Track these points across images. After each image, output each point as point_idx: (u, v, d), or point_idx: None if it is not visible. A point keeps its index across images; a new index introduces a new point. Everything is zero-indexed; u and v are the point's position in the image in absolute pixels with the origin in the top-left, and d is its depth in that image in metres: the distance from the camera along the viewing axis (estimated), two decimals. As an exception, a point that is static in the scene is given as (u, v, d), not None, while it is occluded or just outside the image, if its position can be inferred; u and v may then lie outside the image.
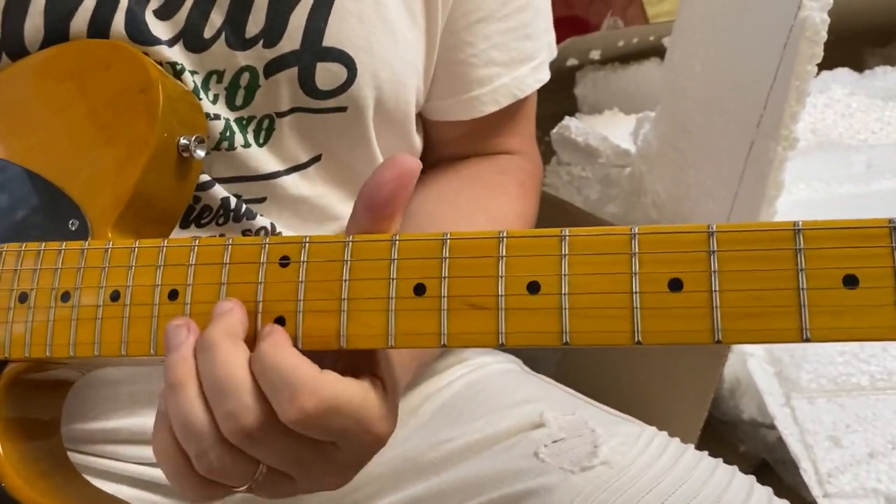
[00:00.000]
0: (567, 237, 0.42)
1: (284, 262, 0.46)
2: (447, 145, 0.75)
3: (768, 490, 0.68)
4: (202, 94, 0.60)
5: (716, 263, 0.40)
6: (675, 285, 0.40)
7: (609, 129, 1.25)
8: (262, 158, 0.63)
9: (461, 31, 0.69)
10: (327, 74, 0.61)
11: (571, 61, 1.40)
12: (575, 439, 0.68)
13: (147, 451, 0.66)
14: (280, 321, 0.46)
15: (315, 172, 0.65)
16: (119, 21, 0.58)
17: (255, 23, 0.59)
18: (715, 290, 0.39)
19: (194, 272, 0.48)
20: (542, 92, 0.75)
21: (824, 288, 0.38)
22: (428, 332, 0.43)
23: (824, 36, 0.77)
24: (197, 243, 0.48)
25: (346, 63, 0.61)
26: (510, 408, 0.72)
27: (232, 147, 0.61)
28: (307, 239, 0.46)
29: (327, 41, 0.60)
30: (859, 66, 1.42)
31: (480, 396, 0.74)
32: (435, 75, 0.70)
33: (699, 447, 0.73)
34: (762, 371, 0.86)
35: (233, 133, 0.61)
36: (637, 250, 0.41)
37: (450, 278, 0.43)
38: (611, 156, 1.15)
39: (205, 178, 0.61)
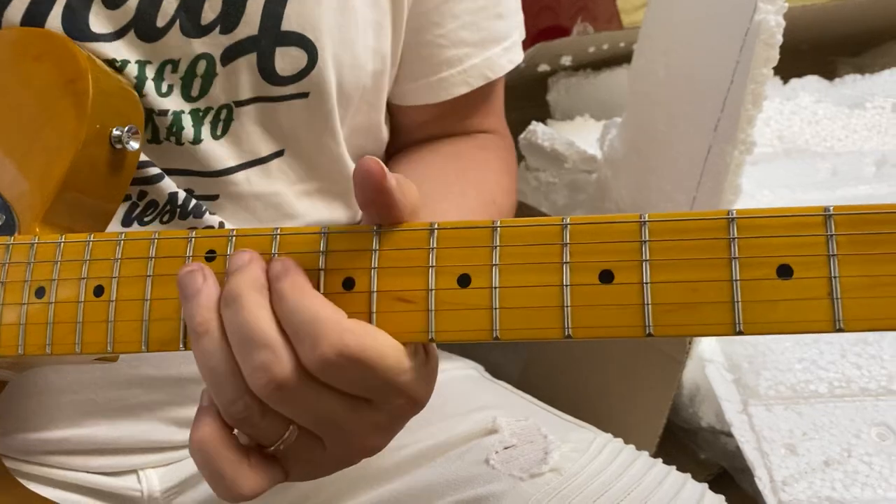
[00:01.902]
0: (498, 228, 0.41)
1: (211, 255, 0.45)
2: (418, 129, 0.73)
3: (720, 498, 0.68)
4: (153, 87, 0.58)
5: (647, 253, 0.39)
6: (606, 277, 0.39)
7: (580, 135, 1.25)
8: (217, 153, 0.61)
9: (429, 11, 0.67)
10: (287, 59, 0.60)
11: (543, 67, 1.39)
12: (526, 445, 0.68)
13: (95, 461, 0.65)
14: None
15: (276, 167, 0.64)
16: (56, 14, 0.56)
17: (212, 8, 0.58)
18: (646, 282, 0.39)
19: (120, 266, 0.47)
20: (514, 99, 0.75)
21: (758, 279, 0.37)
22: None
23: (779, 39, 0.76)
24: (123, 237, 0.47)
25: (307, 47, 0.60)
26: (465, 414, 0.71)
27: (179, 143, 0.60)
28: (234, 232, 0.45)
29: (286, 25, 0.59)
30: (831, 75, 1.42)
31: (436, 402, 0.73)
32: (402, 58, 0.68)
33: (659, 454, 0.72)
34: (721, 378, 0.85)
35: (181, 129, 0.59)
36: (568, 240, 0.40)
37: (379, 269, 0.42)
38: (577, 161, 1.14)
39: (154, 170, 0.60)
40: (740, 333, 0.37)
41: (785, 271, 0.37)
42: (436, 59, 0.68)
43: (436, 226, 0.42)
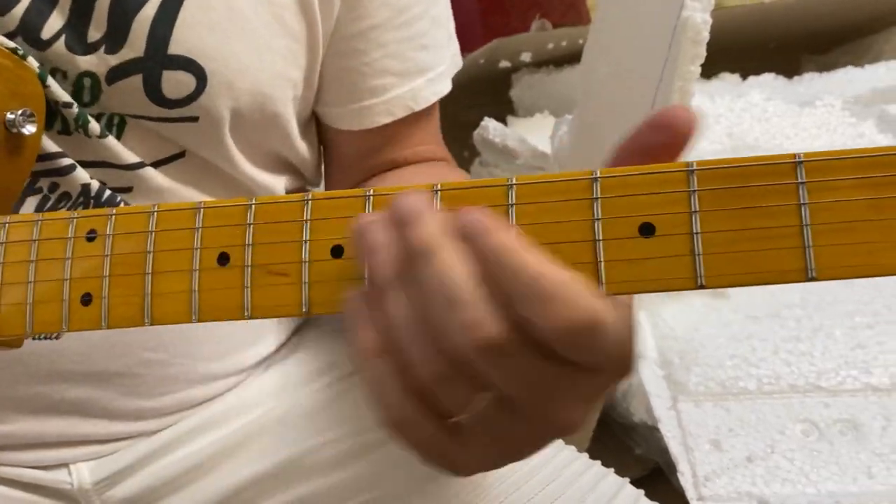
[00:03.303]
0: (371, 196, 0.41)
1: (91, 236, 0.45)
2: (361, 158, 0.72)
3: (639, 492, 0.68)
4: (55, 81, 0.58)
5: (514, 217, 0.39)
6: None
7: (539, 132, 1.25)
8: (121, 149, 0.61)
9: (352, 37, 0.66)
10: (174, 83, 0.59)
11: (504, 63, 1.40)
12: None
13: (25, 455, 0.65)
14: (86, 299, 0.45)
15: (178, 168, 0.63)
16: None
17: (97, 27, 0.58)
18: None
19: (4, 251, 0.47)
20: (476, 95, 0.73)
21: (621, 238, 0.37)
22: (231, 306, 0.42)
23: (706, 37, 0.77)
24: (8, 220, 0.47)
25: (195, 72, 0.59)
26: None
27: (87, 135, 0.60)
28: (114, 211, 0.45)
29: (173, 49, 0.58)
30: (794, 73, 1.43)
31: None
32: (325, 81, 0.68)
33: (597, 449, 0.73)
34: (652, 374, 0.85)
35: (86, 122, 0.59)
36: (438, 203, 0.40)
37: (254, 245, 0.42)
38: (529, 157, 1.15)
39: (66, 161, 0.59)
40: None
41: (647, 229, 0.37)
42: (360, 86, 0.68)
43: (309, 197, 0.42)
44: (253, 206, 0.42)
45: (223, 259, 0.42)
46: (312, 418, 0.71)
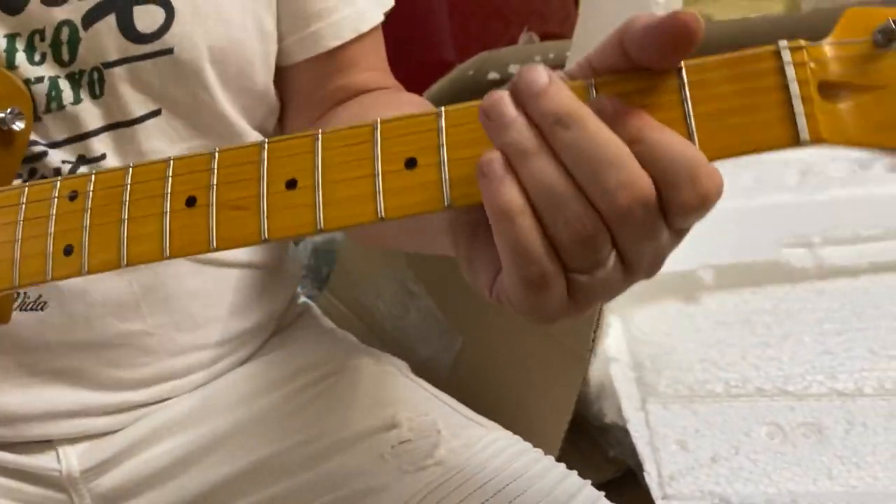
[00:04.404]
0: (320, 136, 0.46)
1: (73, 195, 0.49)
2: (313, 92, 0.75)
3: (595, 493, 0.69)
4: (25, 58, 0.61)
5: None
6: (411, 164, 0.44)
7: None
8: (97, 112, 0.63)
9: None
10: (145, 16, 0.62)
11: (492, 75, 1.43)
12: (421, 440, 0.70)
13: (9, 430, 0.67)
14: (68, 250, 0.49)
15: (154, 126, 0.65)
16: None
17: None
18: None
19: None
20: None
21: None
22: (199, 240, 0.47)
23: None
24: None
25: (162, 4, 0.62)
26: (371, 410, 0.73)
27: (61, 106, 0.62)
28: (94, 172, 0.49)
29: None
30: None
31: (347, 396, 0.76)
32: (279, 11, 0.70)
33: (571, 451, 0.75)
34: (623, 376, 0.88)
35: (59, 91, 0.62)
36: (379, 138, 0.45)
37: (217, 186, 0.46)
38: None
39: (39, 148, 0.62)
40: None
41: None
42: (304, 11, 0.70)
43: (266, 141, 0.46)
44: (217, 153, 0.47)
45: (191, 202, 0.47)
46: (289, 419, 0.73)
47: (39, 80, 0.61)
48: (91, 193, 0.49)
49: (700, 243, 1.02)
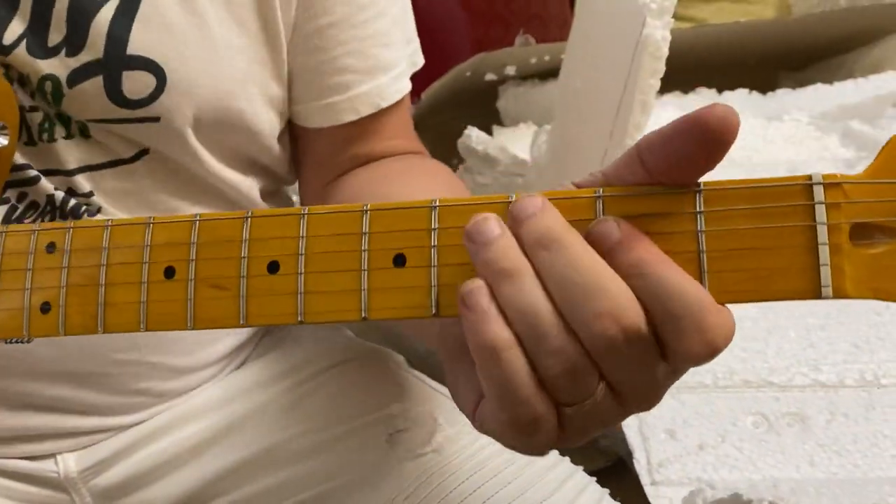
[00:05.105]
0: (306, 215, 0.44)
1: (50, 248, 0.47)
2: (335, 152, 0.73)
3: (600, 491, 0.71)
4: (20, 87, 0.59)
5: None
6: (399, 261, 0.42)
7: (523, 141, 1.31)
8: (85, 152, 0.62)
9: (311, 35, 0.67)
10: (135, 83, 0.59)
11: (490, 76, 1.45)
12: (418, 429, 0.72)
13: (12, 449, 0.67)
14: (45, 307, 0.47)
15: (143, 166, 0.64)
16: None
17: (57, 30, 0.58)
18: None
19: None
20: (463, 106, 0.74)
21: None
22: (176, 317, 0.45)
23: (665, 52, 0.82)
24: None
25: (154, 72, 0.60)
26: (369, 401, 0.74)
27: (52, 139, 0.61)
28: (71, 224, 0.48)
29: (132, 49, 0.59)
30: (773, 89, 1.48)
31: (346, 389, 0.76)
32: (292, 78, 0.68)
33: None
34: (614, 368, 0.90)
35: (52, 125, 0.60)
36: (367, 229, 0.42)
37: (197, 260, 0.44)
38: (509, 164, 1.21)
39: (32, 172, 0.61)
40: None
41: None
42: (323, 83, 0.68)
43: (249, 214, 0.44)
44: (197, 222, 0.45)
45: (169, 272, 0.45)
46: (284, 413, 0.74)
47: (34, 109, 0.60)
48: (69, 251, 0.47)
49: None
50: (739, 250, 0.37)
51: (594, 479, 0.72)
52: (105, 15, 0.59)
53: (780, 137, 1.21)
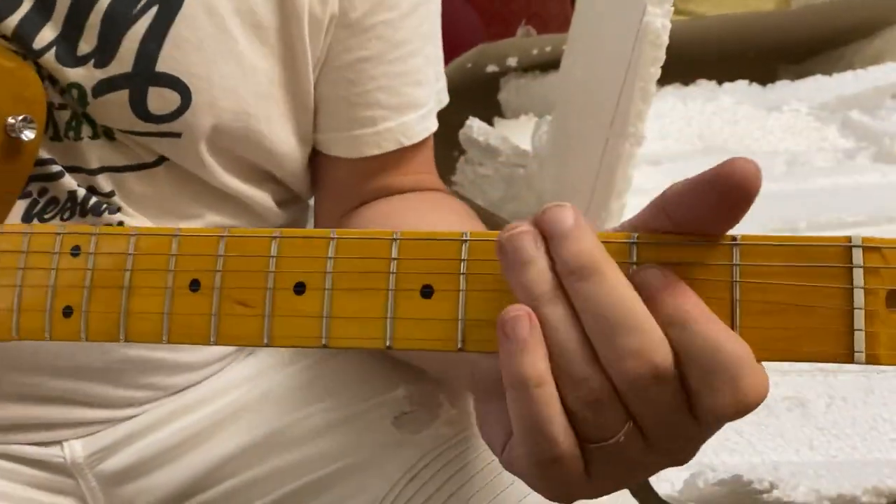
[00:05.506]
0: (335, 239, 0.43)
1: (75, 251, 0.47)
2: (355, 183, 0.73)
3: None
4: (47, 83, 0.60)
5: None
6: (427, 292, 0.42)
7: (525, 132, 1.31)
8: (108, 153, 0.63)
9: (344, 67, 0.67)
10: (159, 100, 0.60)
11: (491, 68, 1.46)
12: (423, 410, 0.73)
13: (19, 436, 0.68)
14: (68, 311, 0.47)
15: (164, 171, 0.65)
16: None
17: (88, 41, 0.59)
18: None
19: None
20: (464, 98, 0.74)
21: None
22: (199, 331, 0.45)
23: (665, 40, 0.83)
24: (2, 230, 0.50)
25: (180, 90, 0.60)
26: (375, 383, 0.75)
27: (78, 137, 0.62)
28: (97, 231, 0.48)
29: (160, 66, 0.60)
30: (772, 81, 1.49)
31: (353, 372, 0.77)
32: (319, 106, 0.69)
33: None
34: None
35: (80, 123, 0.61)
36: (396, 255, 0.41)
37: (224, 273, 0.44)
38: (510, 155, 1.21)
39: (55, 167, 0.61)
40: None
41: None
42: (350, 115, 0.68)
43: (278, 234, 0.43)
44: (225, 237, 0.44)
45: (195, 285, 0.44)
46: (289, 396, 0.74)
47: (63, 107, 0.61)
48: (94, 256, 0.47)
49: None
50: (773, 307, 0.37)
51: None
52: (138, 30, 0.59)
53: (779, 128, 1.22)
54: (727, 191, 0.36)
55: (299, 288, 0.42)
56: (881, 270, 0.36)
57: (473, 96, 1.49)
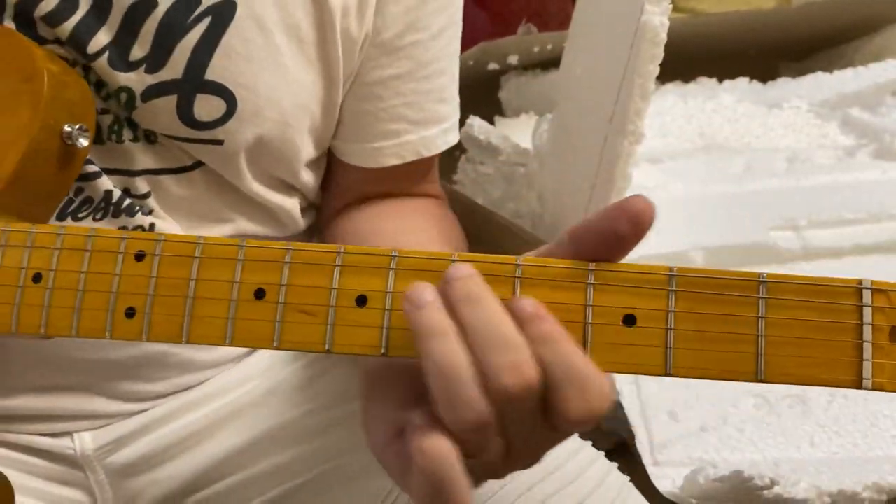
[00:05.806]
0: (396, 257, 0.46)
1: (140, 255, 0.49)
2: (359, 186, 0.76)
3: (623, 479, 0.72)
4: (94, 90, 0.61)
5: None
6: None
7: (525, 131, 1.31)
8: (149, 156, 0.64)
9: (373, 84, 0.69)
10: (206, 107, 0.62)
11: (492, 66, 1.46)
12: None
13: (31, 427, 0.69)
14: (130, 312, 0.48)
15: (200, 175, 0.66)
16: (8, 16, 0.59)
17: (141, 48, 0.60)
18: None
19: (58, 258, 0.50)
20: (466, 95, 0.76)
21: (605, 324, 0.43)
22: (263, 336, 0.46)
23: (664, 38, 0.83)
24: (63, 231, 0.51)
25: (226, 98, 0.62)
26: None
27: (120, 140, 0.63)
28: (162, 237, 0.49)
29: (209, 75, 0.61)
30: (773, 78, 1.49)
31: (355, 371, 0.78)
32: (342, 118, 0.70)
33: None
34: (616, 352, 0.91)
35: (122, 127, 0.62)
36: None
37: (289, 286, 0.46)
38: (511, 154, 1.21)
39: (92, 168, 0.62)
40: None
41: (629, 320, 0.43)
42: (373, 128, 0.71)
43: (342, 249, 0.46)
44: (291, 250, 0.47)
45: (259, 294, 0.46)
46: (296, 391, 0.76)
47: (105, 111, 0.62)
48: (159, 258, 0.48)
49: (691, 226, 1.06)
50: (794, 338, 0.41)
51: (628, 478, 0.73)
52: (192, 38, 0.61)
53: (780, 125, 1.22)
54: (627, 218, 0.42)
55: (361, 301, 0.45)
56: (886, 309, 0.41)
57: (474, 95, 1.48)
